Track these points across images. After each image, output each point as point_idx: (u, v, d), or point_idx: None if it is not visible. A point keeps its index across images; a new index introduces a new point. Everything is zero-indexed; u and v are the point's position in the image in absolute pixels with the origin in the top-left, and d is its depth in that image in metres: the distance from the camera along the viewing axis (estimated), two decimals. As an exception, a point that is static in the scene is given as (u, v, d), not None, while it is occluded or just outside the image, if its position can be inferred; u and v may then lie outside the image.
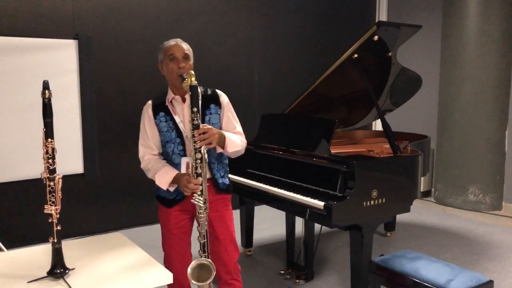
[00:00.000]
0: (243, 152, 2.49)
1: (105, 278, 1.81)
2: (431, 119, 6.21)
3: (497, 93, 5.41)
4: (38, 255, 2.07)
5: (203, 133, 2.15)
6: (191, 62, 2.37)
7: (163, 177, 2.33)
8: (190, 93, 2.14)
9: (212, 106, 2.41)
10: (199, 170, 2.15)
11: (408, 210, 3.09)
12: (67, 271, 1.81)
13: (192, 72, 2.19)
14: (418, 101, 5.62)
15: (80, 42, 3.79)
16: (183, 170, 2.35)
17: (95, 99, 4.10)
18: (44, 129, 1.75)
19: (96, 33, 4.47)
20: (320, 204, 2.71)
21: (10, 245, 3.82)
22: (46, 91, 1.75)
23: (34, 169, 3.63)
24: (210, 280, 2.12)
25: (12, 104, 3.55)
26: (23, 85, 3.55)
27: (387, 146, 3.34)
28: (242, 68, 5.66)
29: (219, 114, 2.43)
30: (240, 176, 3.43)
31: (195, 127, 2.14)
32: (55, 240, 1.79)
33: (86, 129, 3.93)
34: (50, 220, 1.78)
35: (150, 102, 2.46)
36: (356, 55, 3.32)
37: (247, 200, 4.00)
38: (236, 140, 2.40)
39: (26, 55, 3.58)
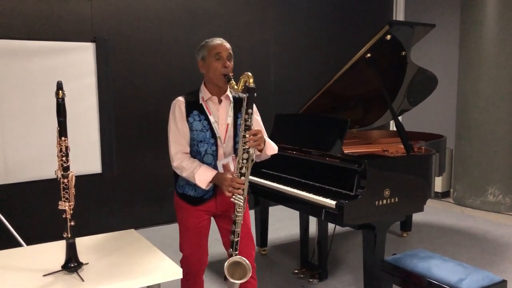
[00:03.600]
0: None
1: (117, 272, 1.86)
2: (449, 120, 6.14)
3: (517, 92, 5.32)
4: (54, 250, 2.13)
5: (255, 135, 2.18)
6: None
7: (203, 176, 2.29)
8: (247, 94, 2.20)
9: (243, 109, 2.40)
10: (243, 170, 2.20)
11: (421, 209, 3.07)
12: (81, 265, 1.87)
13: (250, 73, 2.21)
14: (436, 102, 5.57)
15: (98, 45, 3.86)
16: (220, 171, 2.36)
17: (112, 101, 4.17)
18: (58, 128, 1.81)
19: (114, 36, 4.57)
20: (332, 203, 2.72)
21: (29, 242, 3.91)
22: (60, 91, 1.81)
23: (53, 169, 3.70)
24: (246, 279, 2.12)
25: (32, 106, 3.63)
26: (42, 88, 3.62)
27: (403, 146, 3.33)
28: (258, 69, 5.68)
29: None
30: (255, 176, 3.45)
31: (247, 128, 2.18)
32: (69, 235, 1.85)
33: (104, 130, 3.99)
34: (64, 216, 1.84)
35: (181, 98, 2.39)
36: (369, 55, 3.32)
37: (262, 200, 4.03)
38: (273, 144, 2.45)
39: (44, 58, 3.66)
